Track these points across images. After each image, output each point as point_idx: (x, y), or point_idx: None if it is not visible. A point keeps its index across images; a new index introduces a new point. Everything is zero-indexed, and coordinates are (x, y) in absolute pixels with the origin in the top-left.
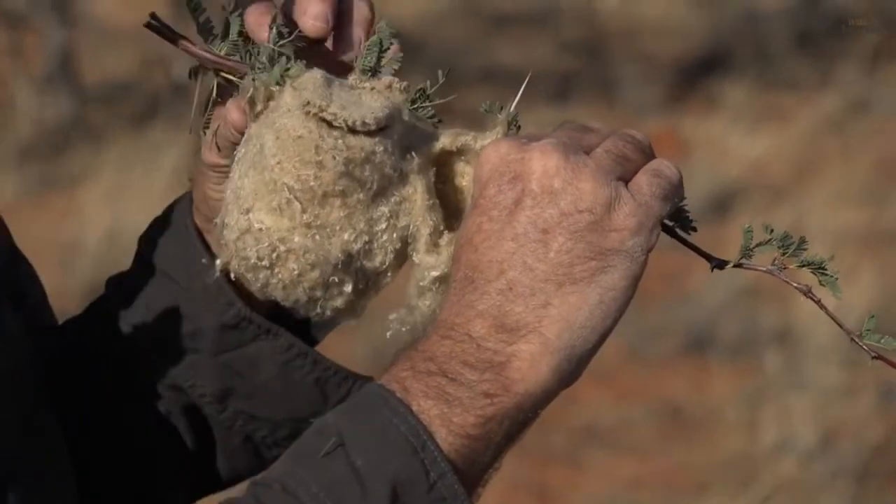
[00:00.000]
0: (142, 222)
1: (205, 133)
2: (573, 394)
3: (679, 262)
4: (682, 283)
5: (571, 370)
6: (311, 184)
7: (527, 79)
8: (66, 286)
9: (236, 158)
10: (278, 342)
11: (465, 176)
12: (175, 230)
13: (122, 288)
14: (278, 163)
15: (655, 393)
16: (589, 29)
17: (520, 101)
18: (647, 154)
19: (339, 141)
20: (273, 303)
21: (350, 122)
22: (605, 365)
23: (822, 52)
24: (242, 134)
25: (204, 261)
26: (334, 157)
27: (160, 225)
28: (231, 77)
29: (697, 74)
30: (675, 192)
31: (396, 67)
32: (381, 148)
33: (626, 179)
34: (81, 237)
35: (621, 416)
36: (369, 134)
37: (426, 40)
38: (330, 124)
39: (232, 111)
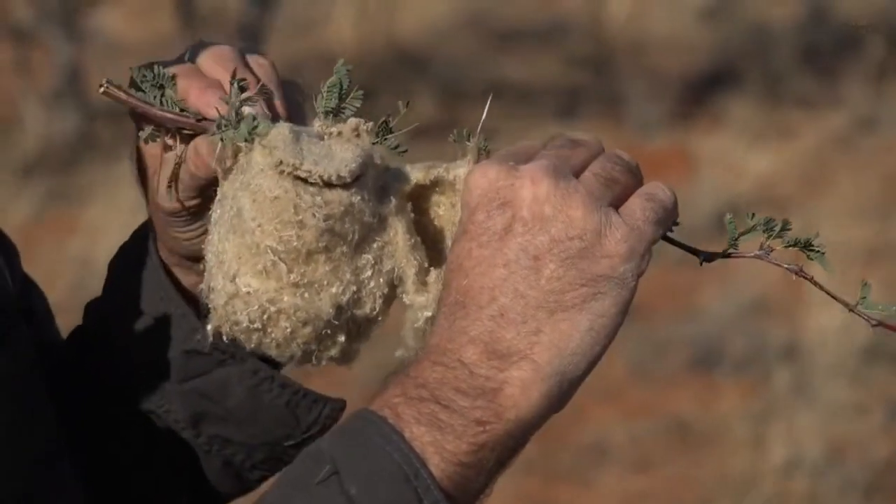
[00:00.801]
0: None
1: (170, 187)
2: (580, 411)
3: (686, 278)
4: (689, 300)
5: (562, 396)
6: (295, 244)
7: (488, 101)
8: (75, 303)
9: (212, 220)
10: (244, 367)
11: (440, 206)
12: (139, 259)
13: (97, 317)
14: (258, 226)
15: (663, 409)
16: (596, 44)
17: (525, 117)
18: (636, 175)
19: (317, 198)
20: None
21: (326, 178)
22: (612, 381)
23: (830, 69)
24: (203, 179)
25: (162, 296)
26: (314, 215)
27: (126, 252)
28: (188, 132)
29: (704, 90)
30: (668, 216)
31: (358, 106)
32: (358, 198)
33: (616, 203)
34: (90, 253)
35: (629, 432)
36: (345, 186)
37: (432, 56)
38: (305, 181)
39: (200, 147)
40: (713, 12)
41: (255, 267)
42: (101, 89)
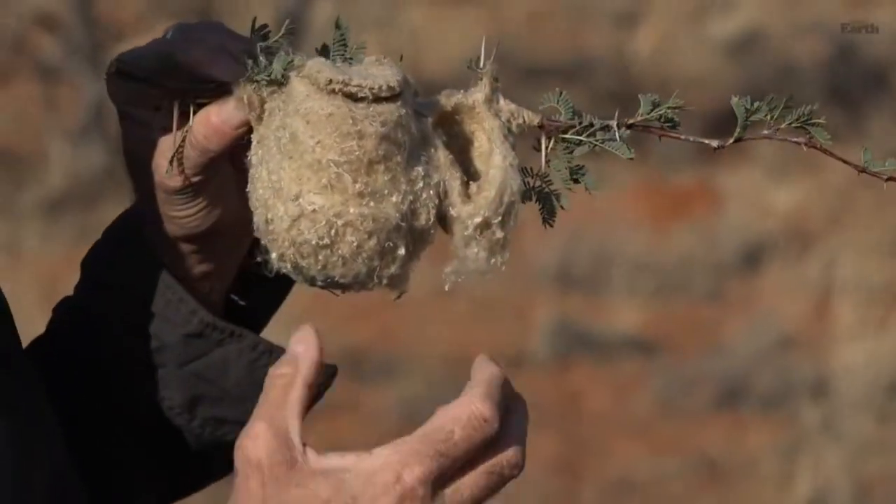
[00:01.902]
0: None
1: (172, 163)
2: (606, 447)
3: (712, 313)
4: (715, 335)
5: None
6: (357, 153)
7: (483, 42)
8: None
9: (253, 162)
10: (243, 343)
11: (462, 137)
12: (128, 249)
13: (76, 311)
14: (318, 142)
15: (689, 446)
16: (621, 80)
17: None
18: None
19: (370, 109)
20: (229, 304)
21: (376, 89)
22: (638, 417)
23: (856, 105)
24: (213, 151)
25: (201, 269)
26: (371, 124)
27: (108, 246)
28: (205, 101)
29: (731, 126)
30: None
31: (365, 50)
32: (404, 111)
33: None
34: None
35: (655, 469)
36: (391, 99)
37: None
38: (354, 98)
39: (212, 115)
40: (739, 49)
41: (318, 183)
42: (107, 74)
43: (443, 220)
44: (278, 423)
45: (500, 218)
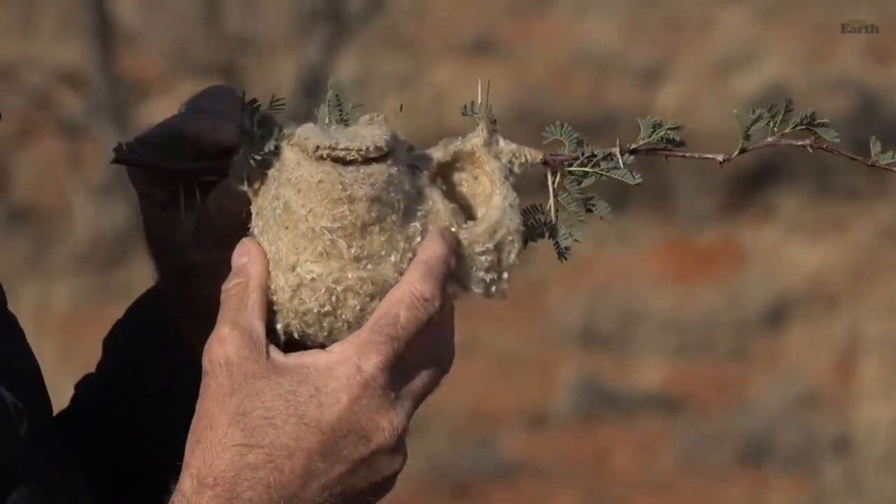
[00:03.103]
0: None
1: (195, 239)
2: (628, 503)
3: (735, 370)
4: (738, 392)
5: None
6: (349, 218)
7: (479, 85)
8: None
9: (254, 234)
10: None
11: (463, 183)
12: (151, 327)
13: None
14: (309, 211)
15: (712, 503)
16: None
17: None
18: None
19: (359, 171)
20: None
21: (364, 150)
22: (661, 474)
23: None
24: (235, 218)
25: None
26: (361, 187)
27: (131, 324)
28: (211, 179)
29: (754, 183)
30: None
31: (358, 115)
32: (395, 169)
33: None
34: None
35: None
36: (382, 159)
37: None
38: (343, 162)
39: (223, 197)
40: (763, 104)
41: (314, 252)
42: (112, 158)
43: None
44: (242, 324)
45: (486, 248)
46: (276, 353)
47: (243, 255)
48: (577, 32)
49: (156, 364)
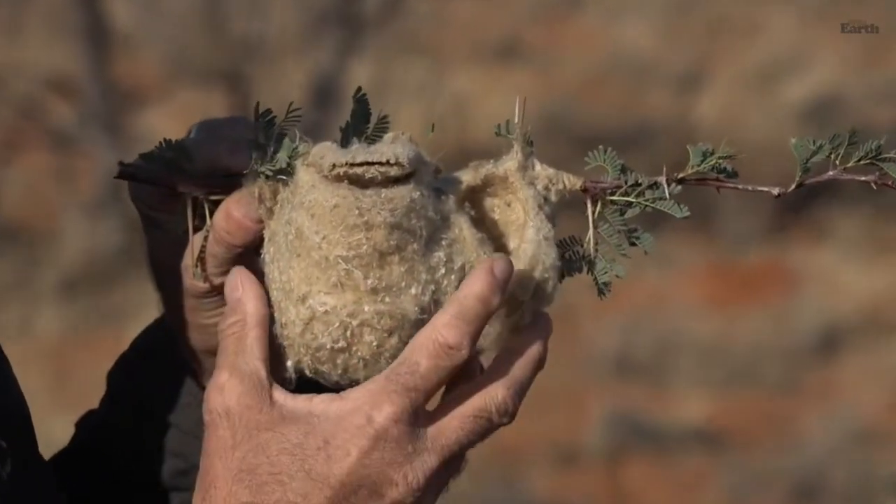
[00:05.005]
0: None
1: (197, 265)
2: None
3: (785, 404)
4: (787, 428)
5: None
6: (365, 247)
7: (521, 101)
8: None
9: (266, 261)
10: None
11: (495, 209)
12: (157, 363)
13: (102, 428)
14: (323, 238)
15: None
16: (685, 149)
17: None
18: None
19: (379, 195)
20: None
21: (384, 164)
22: None
23: None
24: (238, 247)
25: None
26: (379, 213)
27: (136, 359)
28: (220, 198)
29: (805, 200)
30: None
31: (386, 131)
32: (418, 193)
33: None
34: None
35: None
36: (404, 180)
37: None
38: (361, 184)
39: (232, 209)
40: (814, 114)
41: (328, 282)
42: (116, 173)
43: None
44: (242, 368)
45: (528, 296)
46: (281, 395)
47: (235, 289)
48: (610, 37)
49: (163, 409)
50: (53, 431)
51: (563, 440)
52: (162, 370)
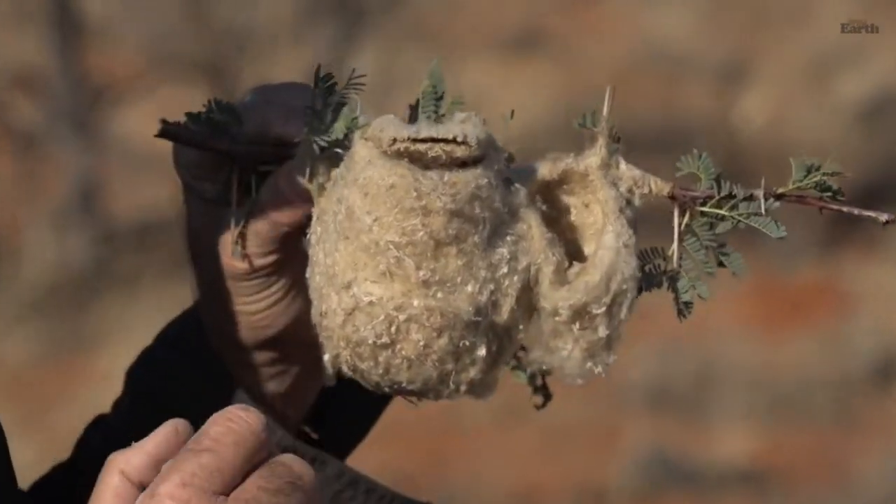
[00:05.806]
0: None
1: (237, 242)
2: None
3: (837, 439)
4: (841, 465)
5: None
6: (420, 234)
7: (611, 90)
8: None
9: (311, 242)
10: (327, 471)
11: (571, 209)
12: (189, 358)
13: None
14: (375, 220)
15: None
16: (726, 154)
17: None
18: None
19: (442, 178)
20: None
21: (450, 137)
22: None
23: None
24: (285, 225)
25: (241, 392)
26: (440, 197)
27: (163, 355)
28: (269, 169)
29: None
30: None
31: (461, 106)
32: (485, 180)
33: None
34: (104, 406)
35: None
36: (470, 164)
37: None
38: (423, 163)
39: (281, 181)
40: (871, 115)
41: (375, 270)
42: (159, 130)
43: (532, 313)
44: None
45: (603, 308)
46: None
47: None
48: (642, 25)
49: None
50: (20, 468)
51: (591, 481)
52: (191, 365)
